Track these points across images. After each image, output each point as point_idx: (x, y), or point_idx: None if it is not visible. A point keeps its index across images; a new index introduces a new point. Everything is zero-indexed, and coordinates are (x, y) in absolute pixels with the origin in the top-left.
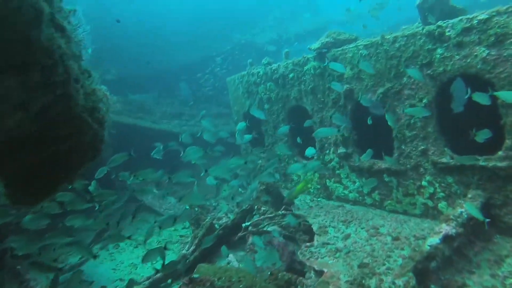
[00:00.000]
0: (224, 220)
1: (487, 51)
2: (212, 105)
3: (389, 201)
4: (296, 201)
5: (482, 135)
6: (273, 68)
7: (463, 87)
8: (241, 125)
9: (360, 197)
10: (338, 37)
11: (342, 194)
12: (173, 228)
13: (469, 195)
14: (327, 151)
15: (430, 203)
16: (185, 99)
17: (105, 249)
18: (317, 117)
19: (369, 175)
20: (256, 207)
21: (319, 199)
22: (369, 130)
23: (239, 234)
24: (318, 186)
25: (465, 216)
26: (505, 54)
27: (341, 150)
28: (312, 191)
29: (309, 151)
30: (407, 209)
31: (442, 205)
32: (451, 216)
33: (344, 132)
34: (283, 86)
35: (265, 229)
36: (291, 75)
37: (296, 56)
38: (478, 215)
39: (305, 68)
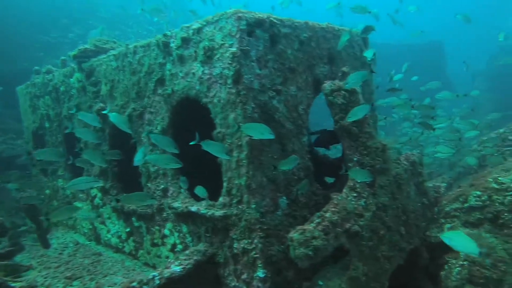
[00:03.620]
0: None
1: (201, 69)
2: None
3: (141, 251)
4: (55, 245)
5: None
6: (49, 78)
7: None
8: None
9: (121, 244)
10: (103, 45)
11: (106, 238)
12: None
13: (187, 252)
14: None
15: (172, 257)
16: None
17: None
18: (83, 141)
19: (125, 216)
20: None
21: (88, 243)
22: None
23: None
24: (90, 226)
25: (157, 282)
26: (214, 74)
27: (98, 183)
28: (86, 231)
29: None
30: (156, 262)
31: None
32: (133, 284)
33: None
34: (58, 101)
35: None
36: (61, 88)
37: None
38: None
39: (71, 80)
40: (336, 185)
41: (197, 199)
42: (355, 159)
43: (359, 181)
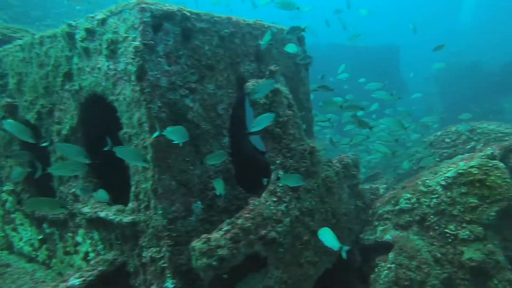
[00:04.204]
0: None
1: (106, 64)
2: None
3: (54, 260)
4: None
5: None
6: None
7: None
8: None
9: (34, 253)
10: (12, 34)
11: (19, 247)
12: None
13: (93, 261)
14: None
15: (85, 266)
16: None
17: None
18: None
19: (37, 222)
20: None
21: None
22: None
23: None
24: (2, 234)
25: None
26: (119, 69)
27: (8, 187)
28: None
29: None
30: (70, 273)
31: None
32: None
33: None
34: None
35: None
36: None
37: None
38: None
39: None
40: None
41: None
42: (278, 161)
43: (290, 185)
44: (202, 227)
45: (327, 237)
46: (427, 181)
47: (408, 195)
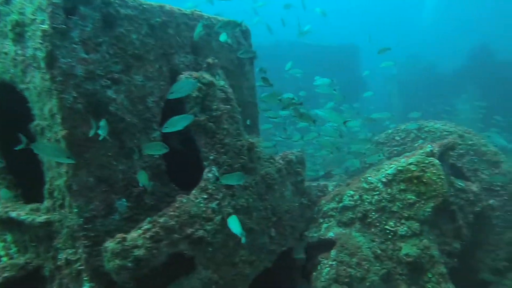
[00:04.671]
0: None
1: (14, 48)
2: None
3: None
4: None
5: None
6: None
7: None
8: None
9: None
10: None
11: None
12: None
13: (5, 264)
14: None
15: None
16: None
17: None
18: None
19: None
20: None
21: None
22: None
23: None
24: None
25: None
26: (27, 55)
27: None
28: None
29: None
30: None
31: None
32: None
33: None
34: None
35: None
36: None
37: None
38: None
39: None
40: None
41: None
42: (211, 157)
43: (232, 184)
44: (127, 226)
45: (233, 223)
46: (369, 178)
47: (352, 192)
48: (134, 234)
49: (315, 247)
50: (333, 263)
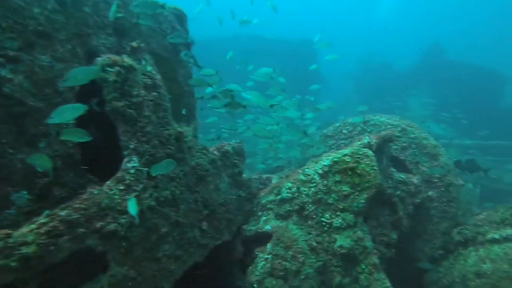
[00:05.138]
0: None
1: None
2: None
3: None
4: None
5: None
6: None
7: None
8: None
9: None
10: None
11: None
12: None
13: None
14: None
15: None
16: None
17: None
18: None
19: None
20: None
21: None
22: None
23: None
24: None
25: None
26: None
27: None
28: None
29: None
30: None
31: None
32: None
33: None
34: None
35: None
36: None
37: None
38: None
39: None
40: None
41: None
42: (131, 146)
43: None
44: (28, 221)
45: (130, 205)
46: (307, 170)
47: (290, 185)
48: (24, 229)
49: (253, 241)
50: (269, 256)
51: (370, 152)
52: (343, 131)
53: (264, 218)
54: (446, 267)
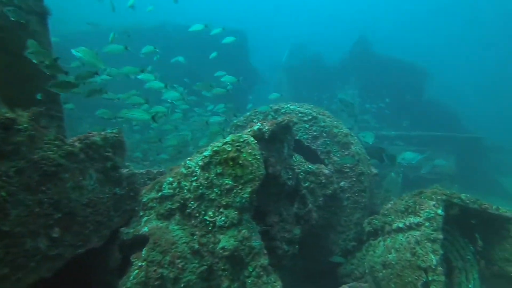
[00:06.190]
0: None
1: None
2: None
3: None
4: None
5: None
6: None
7: None
8: None
9: None
10: None
11: None
12: None
13: None
14: None
15: None
16: None
17: None
18: None
19: None
20: None
21: None
22: None
23: None
24: None
25: None
26: None
27: None
28: None
29: None
30: None
31: None
32: None
33: None
34: None
35: None
36: None
37: None
38: None
39: None
40: None
41: None
42: None
43: None
44: None
45: None
46: (188, 162)
47: (171, 179)
48: None
49: (131, 245)
50: (143, 263)
51: (252, 139)
52: (254, 120)
53: (145, 218)
54: (358, 259)
